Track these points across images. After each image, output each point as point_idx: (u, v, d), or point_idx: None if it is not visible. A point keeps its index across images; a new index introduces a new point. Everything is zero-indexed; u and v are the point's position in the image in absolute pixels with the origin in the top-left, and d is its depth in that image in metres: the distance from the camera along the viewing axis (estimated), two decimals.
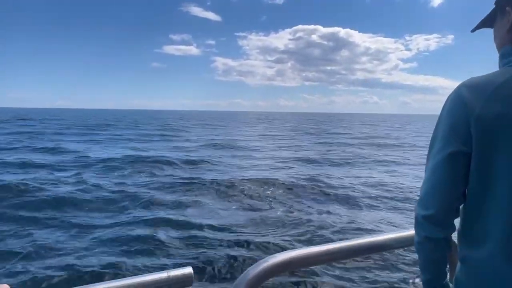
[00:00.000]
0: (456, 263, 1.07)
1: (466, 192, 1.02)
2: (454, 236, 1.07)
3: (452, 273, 1.10)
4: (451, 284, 1.09)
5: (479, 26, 1.17)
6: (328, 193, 9.97)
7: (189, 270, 1.06)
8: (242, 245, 6.10)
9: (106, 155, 16.90)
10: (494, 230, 0.94)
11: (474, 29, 1.20)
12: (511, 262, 0.91)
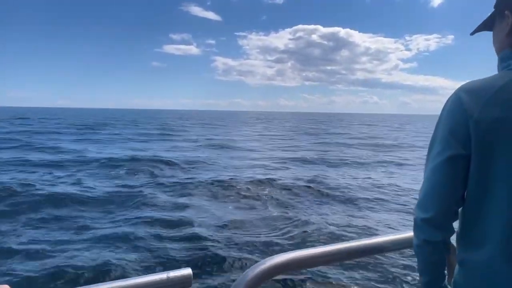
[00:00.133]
0: (455, 265, 1.08)
1: (465, 195, 1.02)
2: (452, 238, 1.08)
3: (451, 276, 1.10)
4: (449, 286, 1.09)
5: (478, 29, 1.18)
6: (326, 194, 9.96)
7: (188, 271, 1.06)
8: (241, 247, 6.10)
9: (103, 155, 16.85)
10: (493, 233, 0.94)
11: (473, 32, 1.21)
12: (509, 265, 0.92)
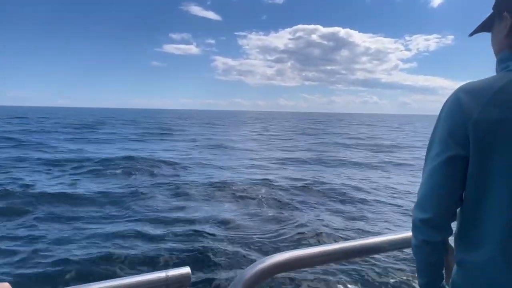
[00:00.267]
0: (453, 266, 1.08)
1: (463, 195, 1.02)
2: (450, 239, 1.08)
3: (448, 276, 1.11)
4: (447, 287, 1.09)
5: (477, 30, 1.18)
6: (324, 194, 9.95)
7: (187, 270, 1.06)
8: (239, 246, 6.10)
9: (100, 154, 16.78)
10: (491, 233, 0.95)
11: (472, 33, 1.21)
12: (508, 265, 0.92)
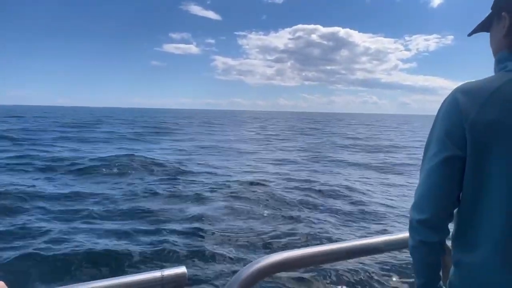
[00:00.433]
0: (450, 266, 1.08)
1: (460, 196, 1.02)
2: (448, 239, 1.08)
3: (446, 277, 1.10)
4: (444, 287, 1.09)
5: (475, 30, 1.18)
6: (320, 194, 9.90)
7: (183, 269, 1.05)
8: (236, 246, 6.09)
9: (96, 154, 16.72)
10: (489, 234, 0.94)
11: (470, 33, 1.21)
12: (505, 266, 0.92)
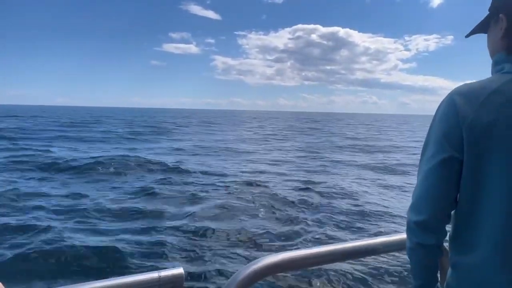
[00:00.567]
0: (447, 268, 1.08)
1: (458, 198, 1.02)
2: (445, 241, 1.08)
3: (443, 279, 1.10)
4: None
5: (473, 31, 1.18)
6: (318, 195, 9.88)
7: (180, 270, 1.05)
8: (233, 247, 6.08)
9: (92, 153, 16.68)
10: (486, 236, 0.94)
11: (468, 35, 1.21)
12: (505, 266, 0.92)
